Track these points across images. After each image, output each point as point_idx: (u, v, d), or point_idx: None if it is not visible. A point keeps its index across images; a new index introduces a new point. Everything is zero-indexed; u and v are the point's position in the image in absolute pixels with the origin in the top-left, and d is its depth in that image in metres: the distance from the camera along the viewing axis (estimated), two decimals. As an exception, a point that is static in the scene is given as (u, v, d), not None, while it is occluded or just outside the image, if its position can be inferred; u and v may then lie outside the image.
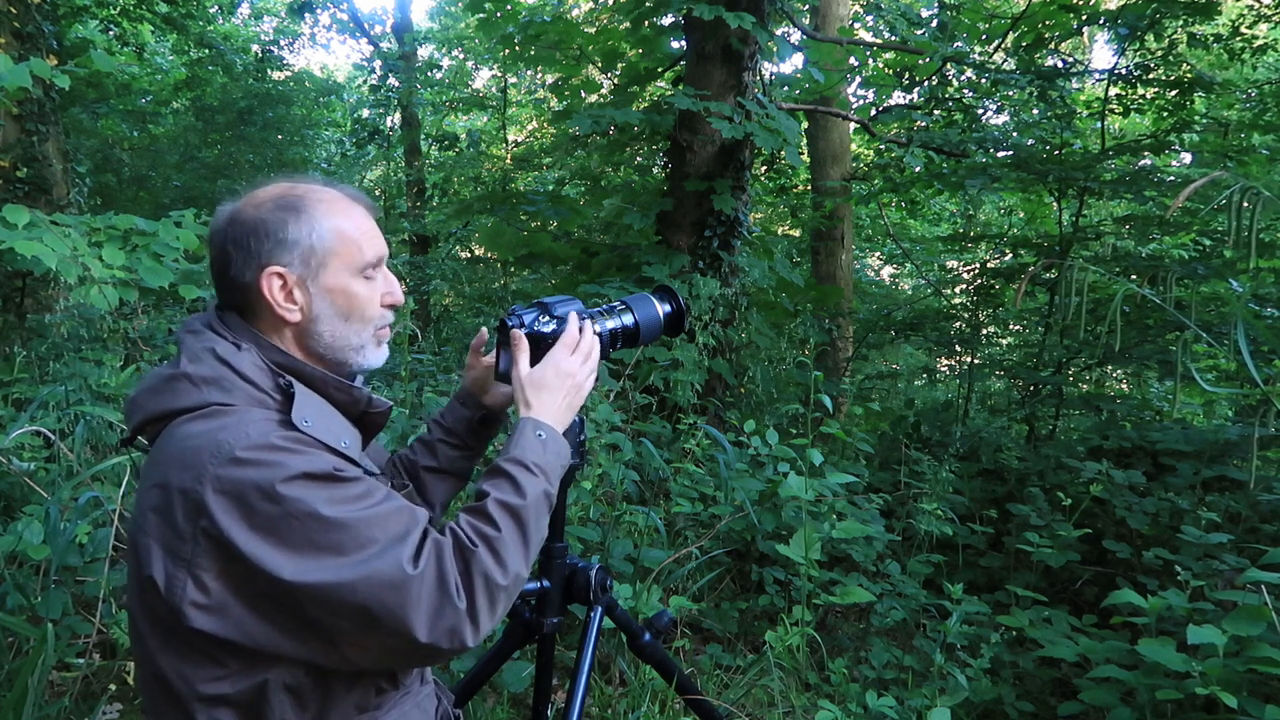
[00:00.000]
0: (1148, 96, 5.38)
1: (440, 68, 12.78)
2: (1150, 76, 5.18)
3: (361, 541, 0.93)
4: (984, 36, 6.35)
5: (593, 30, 6.62)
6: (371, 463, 1.17)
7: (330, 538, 0.92)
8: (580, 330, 1.26)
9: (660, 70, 5.84)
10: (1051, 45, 5.66)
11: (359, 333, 1.12)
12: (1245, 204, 1.87)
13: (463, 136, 12.41)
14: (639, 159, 7.05)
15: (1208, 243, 5.02)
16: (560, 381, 1.21)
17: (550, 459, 1.14)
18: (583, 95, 6.77)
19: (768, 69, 6.21)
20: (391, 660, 0.98)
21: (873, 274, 11.60)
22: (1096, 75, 6.05)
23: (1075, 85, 6.72)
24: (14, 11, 5.17)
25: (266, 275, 1.06)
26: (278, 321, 1.09)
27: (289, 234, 1.07)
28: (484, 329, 1.43)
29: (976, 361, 5.73)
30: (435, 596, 0.94)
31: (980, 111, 6.27)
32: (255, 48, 13.50)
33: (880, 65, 7.13)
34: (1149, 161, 5.43)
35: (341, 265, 1.10)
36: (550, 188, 8.97)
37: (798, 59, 6.61)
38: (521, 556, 1.03)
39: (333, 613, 0.92)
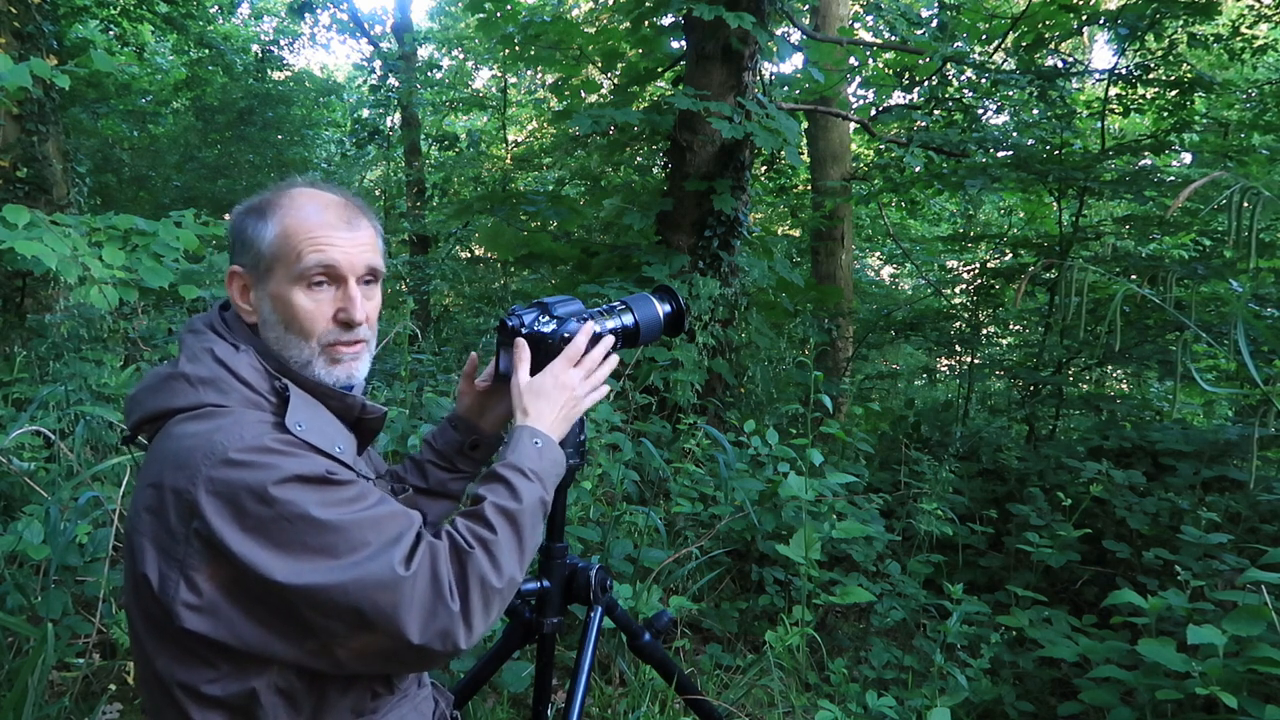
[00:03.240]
0: (1148, 96, 5.38)
1: (440, 68, 12.78)
2: (1150, 76, 5.18)
3: (354, 544, 0.93)
4: (984, 36, 6.35)
5: (593, 30, 6.62)
6: (368, 467, 1.17)
7: (322, 539, 0.92)
8: (591, 344, 1.25)
9: (660, 70, 5.84)
10: (1051, 45, 5.65)
11: (299, 346, 1.07)
12: (1245, 204, 1.87)
13: (463, 136, 12.40)
14: (639, 159, 7.05)
15: (1208, 243, 5.02)
16: (558, 393, 1.21)
17: (546, 466, 1.14)
18: (583, 95, 6.77)
19: (768, 69, 6.21)
20: (384, 663, 0.98)
21: (873, 274, 11.59)
22: (1096, 75, 6.05)
23: (1075, 85, 6.71)
24: (14, 11, 5.17)
25: (229, 273, 1.10)
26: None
27: (249, 234, 1.09)
28: (474, 354, 1.42)
29: (976, 361, 5.73)
30: (429, 598, 0.94)
31: (980, 111, 6.26)
32: (255, 48, 13.50)
33: (880, 65, 7.13)
34: (1149, 161, 5.43)
35: (283, 272, 1.07)
36: (550, 188, 8.97)
37: (798, 59, 6.60)
38: (517, 560, 1.03)
39: (325, 614, 0.92)
